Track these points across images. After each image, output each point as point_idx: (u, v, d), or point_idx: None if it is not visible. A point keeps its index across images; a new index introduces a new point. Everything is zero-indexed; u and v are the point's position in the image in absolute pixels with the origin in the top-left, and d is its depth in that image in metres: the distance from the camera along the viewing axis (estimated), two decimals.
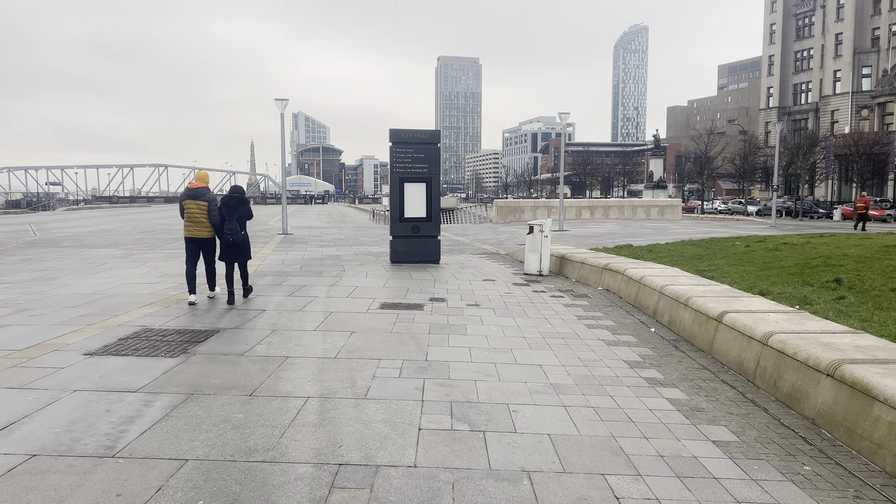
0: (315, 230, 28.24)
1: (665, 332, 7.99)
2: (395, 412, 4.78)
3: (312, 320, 8.12)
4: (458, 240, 24.01)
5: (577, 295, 10.73)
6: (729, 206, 65.50)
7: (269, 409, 4.81)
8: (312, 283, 11.44)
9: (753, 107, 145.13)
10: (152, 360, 6.09)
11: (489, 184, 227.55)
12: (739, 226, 34.52)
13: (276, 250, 17.82)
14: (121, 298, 9.61)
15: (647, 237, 23.94)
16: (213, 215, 9.16)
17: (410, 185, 14.82)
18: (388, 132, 14.79)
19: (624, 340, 7.43)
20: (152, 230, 28.44)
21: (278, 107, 25.82)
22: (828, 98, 73.30)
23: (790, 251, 14.77)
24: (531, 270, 13.34)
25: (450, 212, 72.06)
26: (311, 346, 6.75)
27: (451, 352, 6.63)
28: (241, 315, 8.40)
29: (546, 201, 42.07)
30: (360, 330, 7.60)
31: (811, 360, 4.99)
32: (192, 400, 4.98)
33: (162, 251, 17.82)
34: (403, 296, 10.21)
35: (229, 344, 6.82)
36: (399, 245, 14.95)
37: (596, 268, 11.94)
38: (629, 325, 8.37)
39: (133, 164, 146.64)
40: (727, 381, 5.87)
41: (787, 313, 6.70)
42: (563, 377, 5.84)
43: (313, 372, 5.80)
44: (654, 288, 9.03)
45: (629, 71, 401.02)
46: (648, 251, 16.73)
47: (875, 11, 69.19)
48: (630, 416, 4.83)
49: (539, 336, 7.51)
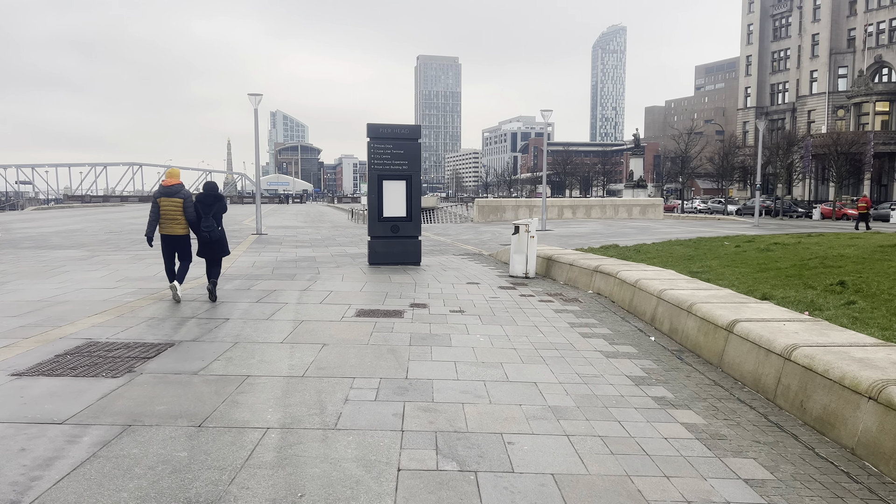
0: (291, 230, 27.33)
1: (666, 341, 7.35)
2: (370, 447, 4.05)
3: (280, 331, 7.34)
4: (439, 240, 23.29)
5: (567, 299, 10.07)
6: (709, 206, 65.69)
7: (219, 444, 4.05)
8: (283, 287, 10.64)
9: (730, 107, 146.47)
10: (90, 382, 5.28)
11: (469, 183, 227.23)
12: (723, 225, 34.27)
13: (248, 251, 16.94)
14: (70, 306, 8.74)
15: (631, 237, 23.44)
16: (190, 212, 9.12)
17: (389, 182, 14.07)
18: (366, 127, 14.02)
19: (623, 352, 6.77)
20: (121, 230, 27.31)
21: (252, 102, 24.88)
22: (804, 98, 73.89)
23: (783, 251, 14.29)
24: (517, 273, 12.67)
25: (430, 211, 71.34)
26: (277, 363, 5.99)
27: (435, 367, 5.91)
28: (200, 325, 7.59)
29: (528, 201, 41.56)
30: (333, 342, 6.84)
31: (847, 380, 4.36)
32: (128, 434, 4.19)
33: (126, 252, 16.85)
34: (382, 301, 9.47)
35: (183, 360, 6.02)
36: (378, 246, 14.19)
37: (586, 270, 11.30)
38: (626, 333, 7.72)
39: (106, 163, 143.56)
40: (745, 401, 5.23)
41: (804, 322, 6.09)
42: (562, 397, 5.15)
43: (276, 395, 5.05)
44: (651, 293, 8.39)
45: (607, 71, 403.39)
46: (636, 251, 16.18)
47: (851, 12, 69.85)
48: (644, 448, 4.16)
49: (531, 347, 6.82)
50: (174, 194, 9.10)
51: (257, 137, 25.23)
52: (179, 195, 9.11)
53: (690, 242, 18.34)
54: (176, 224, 9.11)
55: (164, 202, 9.09)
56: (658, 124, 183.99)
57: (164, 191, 9.15)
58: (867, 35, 67.46)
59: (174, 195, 9.09)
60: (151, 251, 16.62)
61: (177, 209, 9.09)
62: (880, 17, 66.44)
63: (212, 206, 9.30)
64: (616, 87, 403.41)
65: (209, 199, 9.32)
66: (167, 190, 9.15)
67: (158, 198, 9.13)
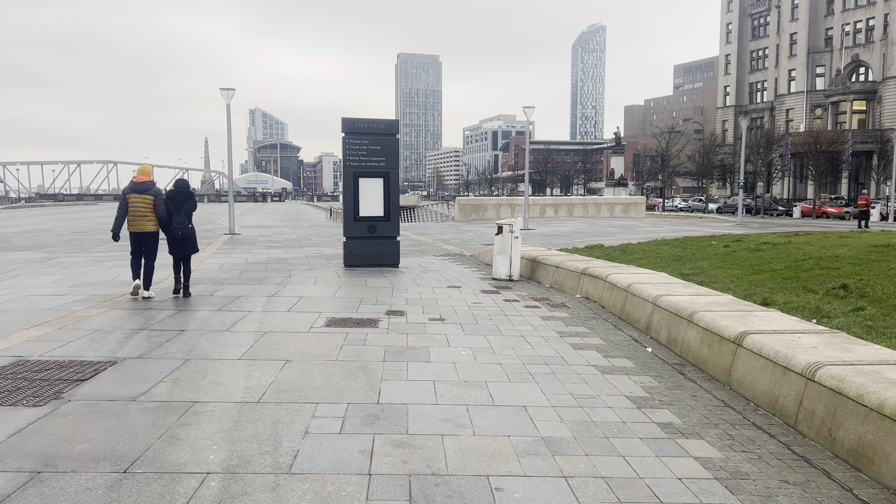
0: (266, 229, 26.44)
1: (664, 352, 6.74)
2: (330, 498, 3.35)
3: (240, 344, 6.60)
4: (419, 239, 22.59)
5: (555, 305, 9.44)
6: (689, 204, 65.74)
7: (145, 497, 3.33)
8: (250, 293, 9.87)
9: (708, 106, 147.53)
10: (5, 413, 4.51)
11: (450, 181, 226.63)
12: (706, 224, 33.98)
13: (218, 253, 16.10)
14: (8, 317, 7.90)
15: (616, 236, 22.94)
16: (161, 210, 9.17)
17: (366, 180, 13.34)
18: (341, 121, 13.27)
19: (620, 366, 6.14)
20: (89, 230, 26.24)
21: (224, 97, 23.97)
22: (783, 97, 74.34)
23: (774, 252, 13.81)
24: (500, 275, 12.02)
25: (410, 210, 70.61)
26: (230, 385, 5.26)
27: (411, 389, 5.23)
28: (151, 338, 6.82)
29: (510, 199, 41.01)
30: (298, 357, 6.12)
31: (889, 408, 3.76)
32: (34, 484, 3.45)
33: (89, 254, 15.92)
34: (356, 308, 8.75)
35: (123, 383, 5.27)
36: (353, 247, 13.46)
37: (573, 272, 10.68)
38: (621, 343, 7.10)
39: (80, 161, 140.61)
40: (761, 427, 4.61)
41: (821, 334, 5.50)
42: (557, 426, 4.50)
43: (225, 427, 4.32)
44: (645, 299, 7.79)
45: (587, 70, 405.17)
46: (622, 252, 15.63)
47: (828, 12, 70.35)
48: (657, 494, 3.51)
49: (518, 362, 6.16)
50: (145, 191, 9.10)
51: (230, 133, 24.32)
52: (150, 192, 9.12)
53: (677, 242, 17.84)
54: (147, 221, 9.13)
55: (134, 199, 9.07)
56: (637, 123, 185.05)
57: (135, 187, 9.12)
58: (844, 34, 67.99)
59: (145, 192, 9.10)
60: (116, 252, 15.74)
61: (147, 206, 9.10)
62: (857, 16, 66.98)
63: (183, 203, 9.38)
64: (596, 86, 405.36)
65: (180, 197, 9.39)
66: (138, 187, 9.12)
67: (128, 194, 9.11)
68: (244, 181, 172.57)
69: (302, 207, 69.17)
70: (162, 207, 9.18)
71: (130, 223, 9.11)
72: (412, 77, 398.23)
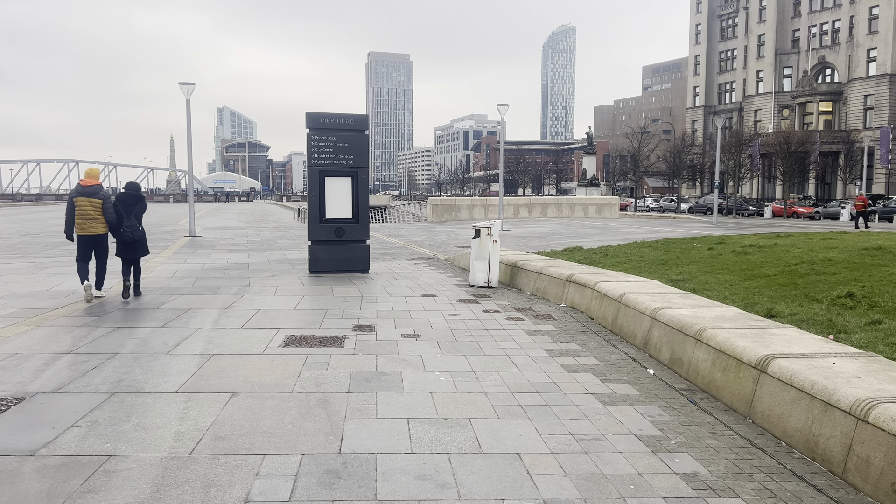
0: (229, 231, 25.23)
1: (668, 374, 5.97)
2: None
3: (180, 371, 5.63)
4: (390, 241, 21.67)
5: (539, 316, 8.63)
6: (661, 204, 65.88)
7: None
8: (201, 305, 8.86)
9: (676, 107, 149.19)
10: None
11: (422, 181, 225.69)
12: (681, 224, 33.65)
13: (173, 258, 14.96)
14: None
15: (593, 237, 22.32)
16: (110, 213, 9.07)
17: (333, 179, 12.38)
18: (305, 116, 12.29)
19: (622, 393, 5.34)
20: (40, 232, 24.75)
21: (184, 92, 22.73)
22: (751, 98, 75.09)
23: (761, 255, 13.23)
24: (478, 282, 11.19)
25: (381, 210, 69.55)
26: (160, 429, 4.31)
27: (381, 431, 4.34)
28: (76, 364, 5.81)
29: (483, 199, 40.29)
30: (247, 388, 5.19)
31: None
32: None
33: (32, 259, 14.66)
34: (319, 323, 7.82)
35: (25, 428, 4.28)
36: (319, 252, 12.49)
37: (557, 280, 9.89)
38: (618, 364, 6.31)
39: (40, 160, 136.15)
40: (803, 477, 3.84)
41: (856, 358, 4.77)
42: (560, 481, 3.66)
43: (141, 496, 3.39)
44: (642, 311, 7.02)
45: (558, 71, 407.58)
46: (604, 255, 14.94)
47: (795, 14, 71.23)
48: None
49: (506, 390, 5.32)
50: (93, 195, 9.00)
51: (189, 129, 23.07)
52: (99, 196, 9.04)
53: (658, 244, 17.22)
54: (96, 224, 9.03)
55: (82, 202, 8.95)
56: (607, 123, 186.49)
57: (83, 190, 8.98)
58: (811, 36, 68.88)
59: (93, 195, 9.00)
60: (62, 257, 14.52)
61: (96, 210, 9.00)
62: (823, 18, 67.90)
63: (134, 205, 9.34)
64: (566, 86, 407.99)
65: (131, 199, 9.35)
66: (86, 190, 8.99)
67: (75, 197, 8.97)
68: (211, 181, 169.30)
69: (270, 207, 67.56)
70: (111, 210, 9.06)
71: (79, 226, 8.97)
72: (383, 76, 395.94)
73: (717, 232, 24.85)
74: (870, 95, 62.38)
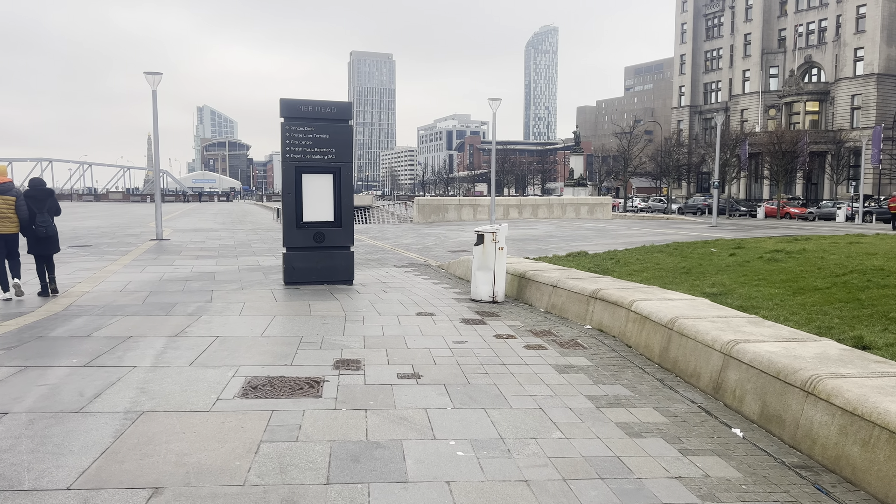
0: (202, 234, 23.35)
1: (763, 437, 4.40)
2: None
3: (86, 447, 3.94)
4: (376, 245, 19.99)
5: (564, 343, 7.03)
6: (650, 204, 64.83)
7: None
8: (146, 330, 7.14)
9: (658, 107, 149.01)
10: None
11: (405, 181, 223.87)
12: (678, 226, 32.31)
13: (130, 266, 13.14)
14: None
15: (593, 240, 20.85)
16: (23, 210, 8.99)
17: (311, 177, 10.71)
18: (279, 103, 10.60)
19: (719, 476, 3.75)
20: None
21: (150, 83, 20.91)
22: (737, 97, 74.43)
23: (796, 262, 11.77)
24: (481, 296, 9.58)
25: (365, 210, 67.73)
26: None
27: None
28: None
29: (471, 199, 38.72)
30: (178, 479, 3.52)
31: None
32: None
33: None
34: (291, 356, 6.16)
35: None
36: (296, 260, 10.80)
37: (579, 296, 8.30)
38: (689, 420, 4.73)
39: (12, 159, 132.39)
40: None
41: None
42: None
43: None
44: (709, 345, 5.45)
45: (540, 71, 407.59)
46: (614, 261, 13.43)
47: (782, 13, 70.64)
48: None
49: (554, 474, 3.71)
50: (6, 192, 8.88)
51: (156, 122, 21.22)
52: (11, 193, 8.95)
53: (670, 249, 15.74)
54: (9, 222, 8.94)
55: None
56: (590, 124, 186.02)
57: None
58: (798, 35, 68.31)
59: (5, 193, 8.87)
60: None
61: (9, 208, 8.89)
62: (810, 17, 67.37)
63: (45, 201, 9.22)
64: (549, 86, 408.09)
65: (41, 195, 9.22)
66: None
67: None
68: (190, 180, 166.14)
69: (249, 208, 65.42)
70: (24, 207, 8.98)
71: None
72: (366, 75, 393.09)
73: (720, 234, 23.47)
74: (857, 95, 61.91)
